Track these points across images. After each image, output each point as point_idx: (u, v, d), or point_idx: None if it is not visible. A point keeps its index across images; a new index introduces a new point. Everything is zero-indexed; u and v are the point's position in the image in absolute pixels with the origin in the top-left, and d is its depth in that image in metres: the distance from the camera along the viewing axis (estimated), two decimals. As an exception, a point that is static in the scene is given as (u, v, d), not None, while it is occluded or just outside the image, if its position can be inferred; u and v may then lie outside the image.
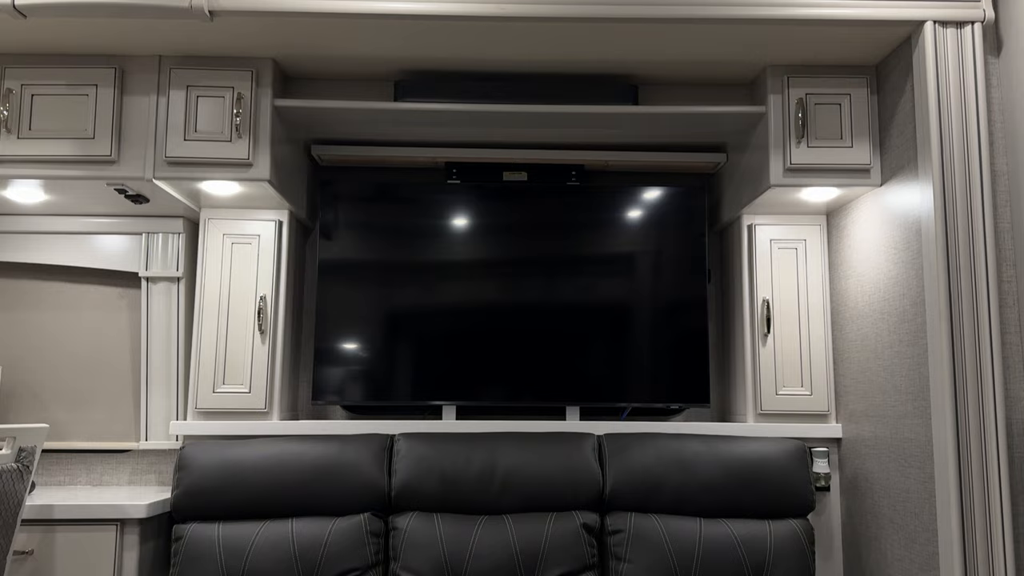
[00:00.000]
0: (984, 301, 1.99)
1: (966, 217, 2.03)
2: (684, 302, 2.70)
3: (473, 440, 2.39)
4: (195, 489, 2.26)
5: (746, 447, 2.37)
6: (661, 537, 2.24)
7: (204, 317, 2.58)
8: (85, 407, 2.79)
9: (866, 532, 2.41)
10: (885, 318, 2.30)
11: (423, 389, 2.65)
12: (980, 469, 1.92)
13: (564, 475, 2.33)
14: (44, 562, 2.22)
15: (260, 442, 2.35)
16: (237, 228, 2.62)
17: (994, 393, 1.94)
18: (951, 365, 1.97)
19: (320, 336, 2.65)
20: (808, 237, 2.67)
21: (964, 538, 1.91)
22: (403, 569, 2.21)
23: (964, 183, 2.05)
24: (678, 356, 2.68)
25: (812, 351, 2.62)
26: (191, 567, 2.17)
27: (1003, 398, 1.95)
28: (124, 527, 2.26)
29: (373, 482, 2.30)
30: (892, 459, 2.26)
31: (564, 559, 2.22)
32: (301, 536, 2.21)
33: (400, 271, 2.68)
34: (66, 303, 2.82)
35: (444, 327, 2.67)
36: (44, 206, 2.67)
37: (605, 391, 2.67)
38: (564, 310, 2.69)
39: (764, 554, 2.22)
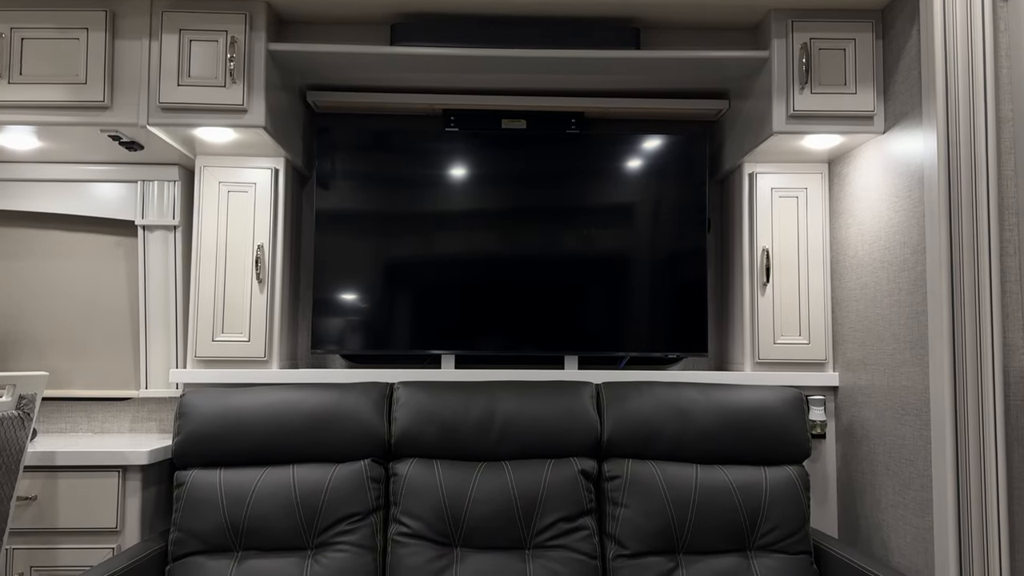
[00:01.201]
0: (985, 249, 1.98)
1: (969, 164, 2.01)
2: (683, 251, 2.69)
3: (472, 389, 2.40)
4: (196, 436, 2.27)
5: (743, 395, 2.38)
6: (658, 483, 2.26)
7: (201, 266, 2.57)
8: (84, 355, 2.80)
9: (861, 479, 2.44)
10: (885, 267, 2.29)
11: (422, 338, 2.66)
12: (976, 416, 1.94)
13: (562, 423, 2.34)
14: (48, 507, 2.25)
15: (260, 390, 2.36)
16: (233, 176, 2.60)
17: (992, 341, 1.95)
18: (950, 313, 1.97)
19: (319, 286, 2.65)
20: (809, 186, 2.65)
21: (958, 484, 1.93)
22: (403, 514, 2.23)
23: (968, 130, 2.02)
24: (677, 305, 2.68)
25: (811, 300, 2.62)
26: (193, 512, 2.20)
27: (1001, 346, 1.95)
28: (126, 473, 2.28)
29: (373, 429, 2.31)
30: (888, 407, 2.27)
31: (562, 504, 2.24)
32: (302, 482, 2.23)
33: (398, 221, 2.67)
34: (62, 252, 2.81)
35: (443, 277, 2.67)
36: (38, 153, 2.64)
37: (603, 341, 2.67)
38: (563, 260, 2.68)
39: (760, 499, 2.25)
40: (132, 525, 2.28)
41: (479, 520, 2.22)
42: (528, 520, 2.23)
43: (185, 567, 2.16)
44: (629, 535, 2.22)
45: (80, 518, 2.25)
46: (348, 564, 2.16)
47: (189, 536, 2.18)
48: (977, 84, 2.02)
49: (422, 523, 2.22)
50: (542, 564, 2.17)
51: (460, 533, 2.22)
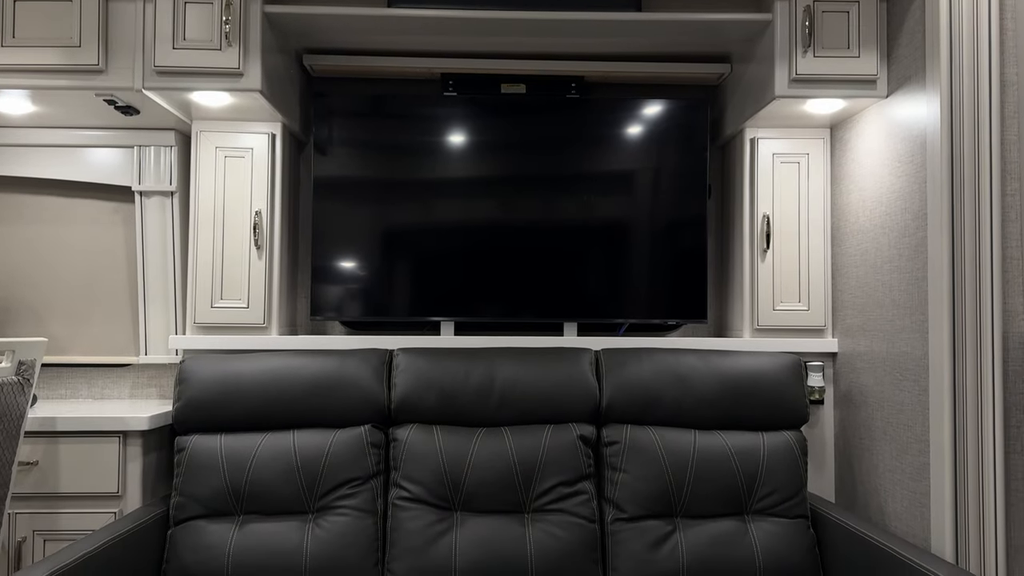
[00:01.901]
0: (987, 215, 1.97)
1: (972, 128, 1.99)
2: (683, 218, 2.68)
3: (471, 355, 2.40)
4: (196, 401, 2.28)
5: (742, 361, 2.38)
6: (656, 448, 2.27)
7: (199, 232, 2.56)
8: (83, 322, 2.79)
9: (858, 444, 2.45)
10: (886, 232, 2.28)
11: (421, 305, 2.65)
12: (975, 382, 1.94)
13: (561, 389, 2.35)
14: (49, 472, 2.26)
15: (260, 356, 2.36)
16: (229, 141, 2.58)
17: (992, 307, 1.94)
18: (950, 279, 1.96)
19: (317, 253, 2.64)
20: (811, 151, 2.63)
21: (955, 449, 1.94)
22: (404, 479, 2.25)
23: (972, 93, 2.00)
24: (676, 272, 2.67)
25: (811, 266, 2.62)
26: (194, 477, 2.21)
27: (1001, 311, 1.95)
28: (126, 439, 2.29)
29: (373, 395, 2.32)
30: (887, 372, 2.28)
31: (561, 469, 2.25)
32: (302, 447, 2.24)
33: (397, 188, 2.65)
34: (60, 218, 2.80)
35: (442, 244, 2.66)
36: (33, 118, 2.61)
37: (603, 307, 2.67)
38: (563, 226, 2.67)
39: (757, 464, 2.26)
40: (133, 490, 2.29)
41: (479, 485, 2.23)
42: (527, 485, 2.24)
43: (187, 531, 2.17)
44: (627, 499, 2.24)
45: (81, 483, 2.27)
46: (349, 528, 2.17)
47: (190, 500, 2.20)
48: (982, 47, 1.99)
49: (422, 487, 2.23)
50: (541, 528, 2.19)
51: (460, 497, 2.23)
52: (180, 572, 2.13)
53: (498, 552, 2.15)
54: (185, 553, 2.14)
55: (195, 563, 2.13)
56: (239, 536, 2.16)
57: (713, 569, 2.16)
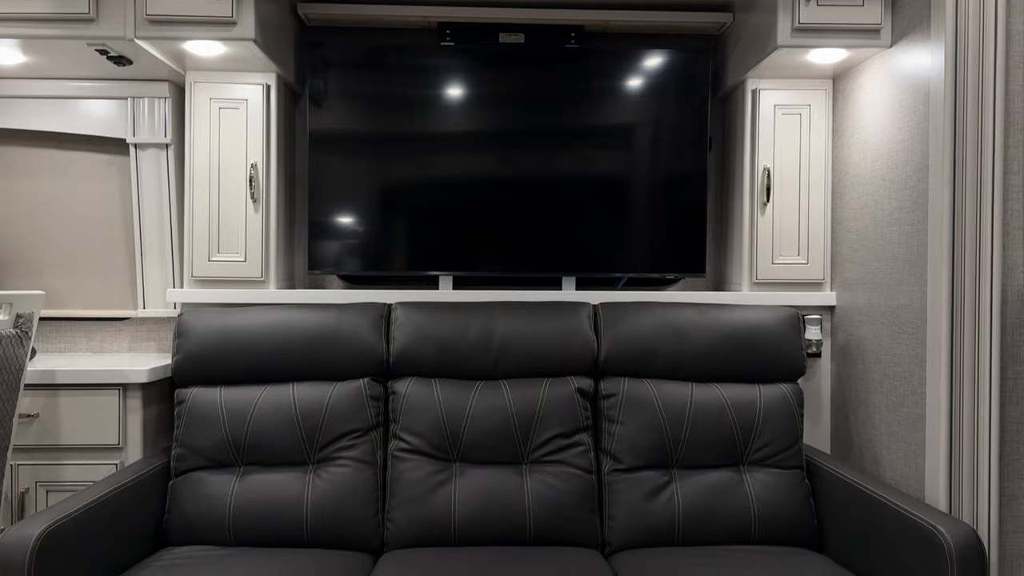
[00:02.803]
0: (988, 166, 1.95)
1: (976, 79, 1.96)
2: (683, 171, 2.66)
3: (470, 309, 2.40)
4: (195, 354, 2.28)
5: (740, 315, 2.39)
6: (653, 400, 2.29)
7: (195, 185, 2.54)
8: (81, 275, 2.79)
9: (855, 396, 2.46)
10: (886, 185, 2.27)
11: (420, 260, 2.65)
12: (972, 334, 1.94)
13: (559, 342, 2.35)
14: (50, 424, 2.27)
15: (258, 309, 2.36)
16: (224, 92, 2.54)
17: (992, 259, 1.94)
18: (950, 231, 1.96)
19: (314, 206, 2.62)
20: (813, 102, 2.60)
21: (951, 400, 1.95)
22: (403, 430, 2.26)
23: (977, 44, 1.96)
24: (675, 226, 2.66)
25: (811, 220, 2.60)
26: (195, 429, 2.22)
27: (1000, 264, 1.94)
28: (126, 391, 2.30)
29: (371, 349, 2.32)
30: (885, 325, 2.28)
31: (559, 421, 2.27)
32: (302, 399, 2.26)
33: (395, 142, 2.62)
34: (54, 170, 2.77)
35: (441, 199, 2.64)
36: (24, 68, 2.57)
37: (601, 262, 2.66)
38: (562, 180, 2.65)
39: (754, 416, 2.28)
40: (134, 442, 2.31)
41: (477, 436, 2.25)
42: (525, 436, 2.26)
43: (188, 482, 2.19)
44: (624, 450, 2.26)
45: (82, 435, 2.28)
46: (349, 478, 2.19)
47: (191, 452, 2.22)
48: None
49: (421, 439, 2.25)
50: (539, 478, 2.21)
51: (459, 449, 2.25)
52: (182, 522, 2.16)
53: (496, 501, 2.17)
54: (187, 504, 2.17)
55: (197, 513, 2.15)
56: (240, 487, 2.18)
57: (708, 518, 2.18)
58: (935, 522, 1.75)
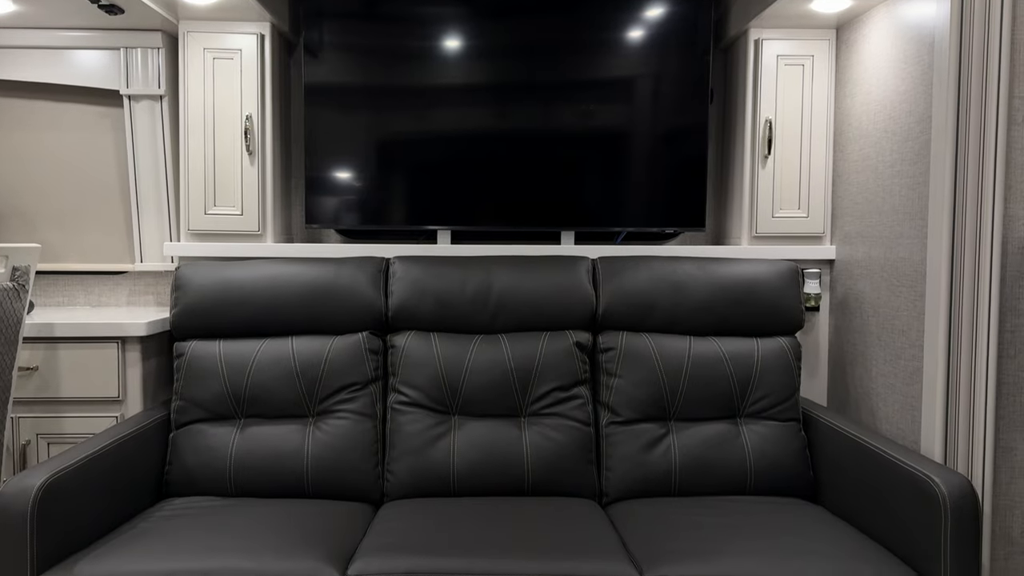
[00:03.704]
0: (992, 117, 1.92)
1: (983, 27, 1.92)
2: (684, 124, 2.63)
3: (468, 263, 2.39)
4: (193, 308, 2.28)
5: (739, 268, 2.38)
6: (651, 354, 2.29)
7: (190, 137, 2.52)
8: (77, 229, 2.77)
9: (852, 350, 2.47)
10: (889, 136, 2.24)
11: (418, 214, 2.63)
12: (971, 287, 1.93)
13: (558, 296, 2.35)
14: (50, 377, 2.28)
15: (256, 263, 2.35)
16: (218, 42, 2.50)
17: (993, 211, 1.92)
18: (952, 183, 1.94)
19: (311, 160, 2.59)
20: (816, 53, 2.56)
21: (949, 353, 1.95)
22: (402, 384, 2.27)
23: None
24: (675, 180, 2.64)
25: (812, 173, 2.58)
26: (194, 381, 2.23)
27: (1002, 216, 1.93)
28: (125, 344, 2.31)
29: (370, 302, 2.32)
30: (884, 279, 2.27)
31: (557, 375, 2.28)
32: (301, 353, 2.26)
33: (392, 95, 2.58)
34: (46, 122, 2.74)
35: (439, 153, 2.61)
36: (14, 17, 2.53)
37: (600, 216, 2.65)
38: (561, 134, 2.62)
39: (751, 369, 2.29)
40: (134, 394, 2.32)
41: (476, 390, 2.26)
42: (524, 390, 2.27)
43: (188, 434, 2.21)
44: (622, 403, 2.27)
45: (82, 388, 2.29)
46: (349, 430, 2.21)
47: (191, 404, 2.23)
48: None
49: (421, 392, 2.26)
50: (537, 431, 2.23)
51: (457, 402, 2.26)
52: (183, 474, 2.18)
53: (495, 453, 2.19)
54: (187, 455, 2.18)
55: (197, 465, 2.17)
56: (240, 439, 2.19)
57: (705, 469, 2.20)
58: (930, 472, 1.76)
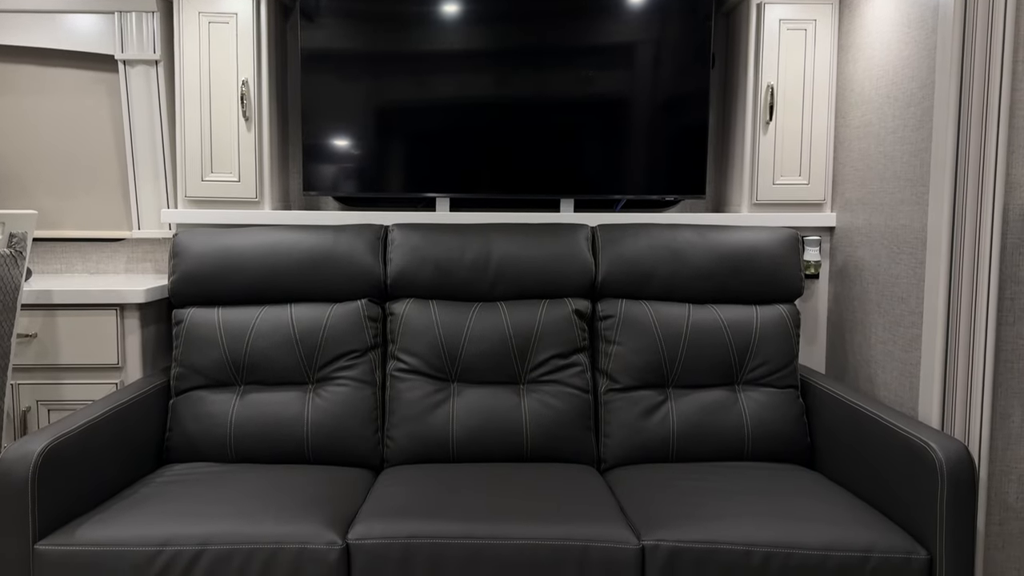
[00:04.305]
0: (996, 82, 1.90)
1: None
2: (685, 90, 2.60)
3: (467, 230, 2.38)
4: (191, 275, 2.28)
5: (739, 236, 2.37)
6: (650, 321, 2.29)
7: (186, 102, 2.49)
8: (73, 196, 2.76)
9: (851, 317, 2.47)
10: (891, 102, 2.22)
11: (416, 181, 2.61)
12: (972, 254, 1.93)
13: (557, 264, 2.35)
14: (49, 344, 2.28)
15: (254, 230, 2.34)
16: (213, 6, 2.47)
17: (995, 177, 1.91)
18: (954, 148, 1.92)
19: (308, 130, 2.57)
20: (819, 17, 2.53)
21: (948, 320, 1.95)
22: (401, 351, 2.27)
23: (991, -47, 1.90)
24: (676, 147, 2.62)
25: (813, 139, 2.56)
26: (194, 348, 2.23)
27: (1004, 182, 1.91)
28: (124, 311, 2.30)
29: (368, 270, 2.32)
30: (884, 246, 2.27)
31: (556, 342, 2.28)
32: (300, 320, 2.26)
33: (390, 61, 2.55)
34: (40, 88, 2.71)
35: (438, 120, 2.59)
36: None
37: (600, 184, 2.63)
38: (561, 101, 2.59)
39: (750, 336, 2.29)
40: (133, 361, 2.32)
41: (475, 357, 2.26)
42: (523, 357, 2.27)
43: (188, 400, 2.21)
44: (621, 370, 2.27)
45: (82, 355, 2.29)
46: (349, 397, 2.21)
47: (191, 371, 2.23)
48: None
49: (420, 360, 2.26)
50: (536, 398, 2.23)
51: (456, 369, 2.26)
52: (183, 440, 2.19)
53: (494, 420, 2.20)
54: (187, 422, 2.19)
55: (198, 431, 2.18)
56: (240, 405, 2.20)
57: (702, 436, 2.21)
58: (927, 438, 1.77)
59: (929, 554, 1.72)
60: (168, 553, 1.66)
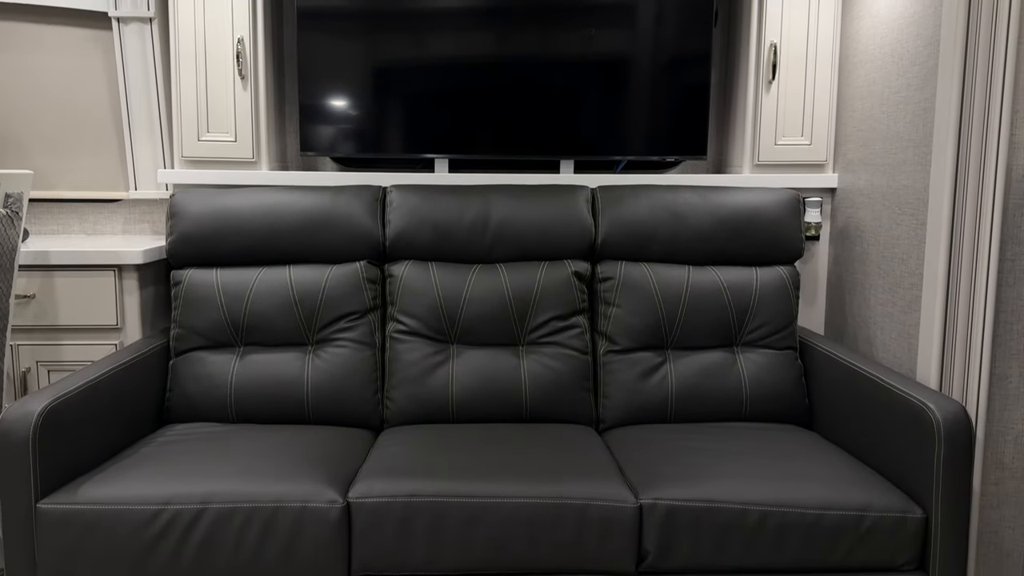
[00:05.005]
0: (1002, 41, 1.87)
1: (998, -55, 1.86)
2: (687, 50, 2.56)
3: (466, 192, 2.37)
4: (188, 236, 2.27)
5: (739, 197, 2.36)
6: (650, 283, 2.29)
7: (181, 60, 2.46)
8: (69, 156, 2.73)
9: (851, 279, 2.46)
10: (895, 61, 2.19)
11: (415, 142, 2.59)
12: (974, 215, 1.92)
13: (557, 226, 2.34)
14: (47, 305, 2.28)
15: (251, 191, 2.33)
16: (207, -39, 2.43)
17: (999, 137, 1.89)
18: (958, 108, 1.90)
19: (305, 90, 2.53)
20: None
21: (948, 282, 1.95)
22: (400, 313, 2.27)
23: (1000, -94, 1.86)
24: (677, 107, 2.59)
25: (816, 99, 2.53)
26: (192, 309, 2.23)
27: (1008, 143, 1.90)
28: (122, 272, 2.30)
29: (367, 232, 2.31)
30: (885, 207, 2.25)
31: (555, 304, 2.28)
32: (299, 282, 2.25)
33: (388, 19, 2.51)
34: (32, 45, 2.67)
35: (437, 79, 2.55)
36: (-5, -64, 2.45)
37: (600, 144, 2.61)
38: (561, 61, 2.56)
39: (749, 298, 2.29)
40: (132, 322, 2.32)
41: (474, 319, 2.26)
42: (522, 319, 2.27)
43: (188, 361, 2.22)
44: (620, 332, 2.27)
45: (80, 315, 2.29)
46: (349, 359, 2.22)
47: (190, 332, 2.23)
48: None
49: (419, 321, 2.26)
50: (535, 359, 2.24)
51: (456, 331, 2.26)
52: (183, 401, 2.19)
53: (494, 381, 2.20)
54: (187, 383, 2.20)
55: (198, 392, 2.19)
56: (240, 366, 2.20)
57: (700, 397, 2.22)
58: (925, 399, 1.77)
59: (925, 513, 1.74)
60: (169, 512, 1.67)
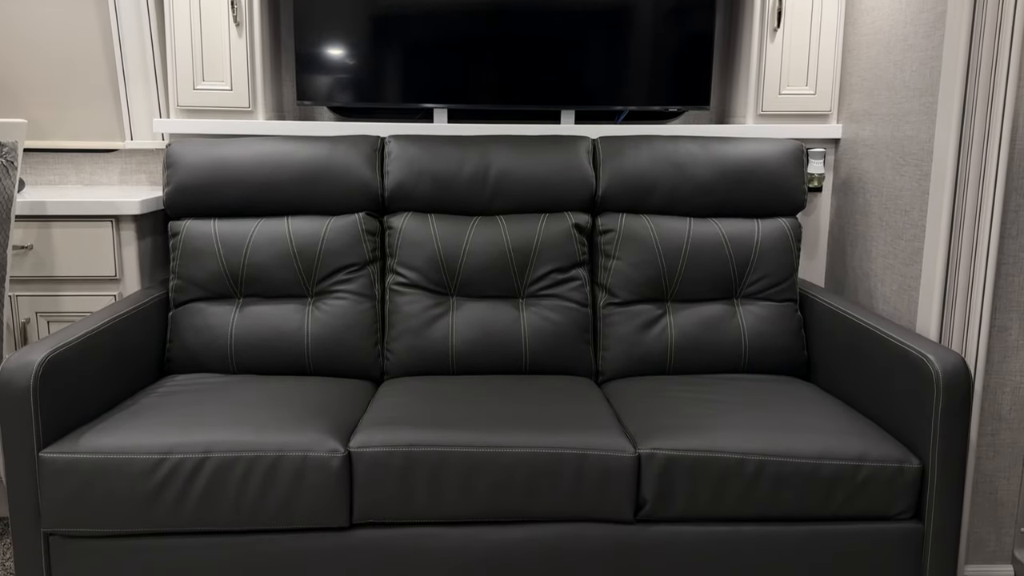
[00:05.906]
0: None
1: None
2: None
3: (465, 143, 2.34)
4: (186, 186, 2.25)
5: (742, 148, 2.33)
6: (651, 235, 2.28)
7: (175, 7, 2.41)
8: (63, 105, 2.70)
9: (853, 230, 2.45)
10: (902, 7, 2.15)
11: (413, 92, 2.55)
12: (978, 165, 1.90)
13: (557, 177, 2.31)
14: (45, 256, 2.27)
15: (249, 141, 2.30)
16: (200, -96, 2.37)
17: (1006, 86, 1.86)
18: (966, 56, 1.87)
19: (302, 37, 2.49)
20: (832, -83, 2.42)
21: (951, 234, 1.93)
22: (400, 265, 2.26)
23: None
24: (680, 56, 2.55)
25: (821, 47, 2.49)
26: (191, 260, 2.22)
27: (1015, 92, 1.87)
28: (119, 223, 2.28)
29: (365, 183, 2.29)
30: (889, 158, 2.23)
31: (555, 256, 2.27)
32: (298, 233, 2.24)
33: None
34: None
35: (435, 28, 2.51)
36: None
37: (602, 94, 2.57)
38: (562, 8, 2.51)
39: (750, 250, 2.27)
40: (131, 273, 2.31)
41: (474, 271, 2.25)
42: (522, 271, 2.26)
43: (188, 312, 2.22)
44: (620, 285, 2.27)
45: (78, 266, 2.28)
46: (348, 311, 2.21)
47: (189, 283, 2.23)
48: None
49: (418, 273, 2.25)
50: (535, 312, 2.24)
51: (455, 283, 2.26)
52: (183, 352, 2.20)
53: (493, 333, 2.21)
54: (187, 333, 2.20)
55: (198, 343, 2.19)
56: (240, 317, 2.20)
57: (700, 349, 2.22)
58: (924, 350, 1.77)
59: (921, 463, 1.75)
60: (171, 461, 1.69)
